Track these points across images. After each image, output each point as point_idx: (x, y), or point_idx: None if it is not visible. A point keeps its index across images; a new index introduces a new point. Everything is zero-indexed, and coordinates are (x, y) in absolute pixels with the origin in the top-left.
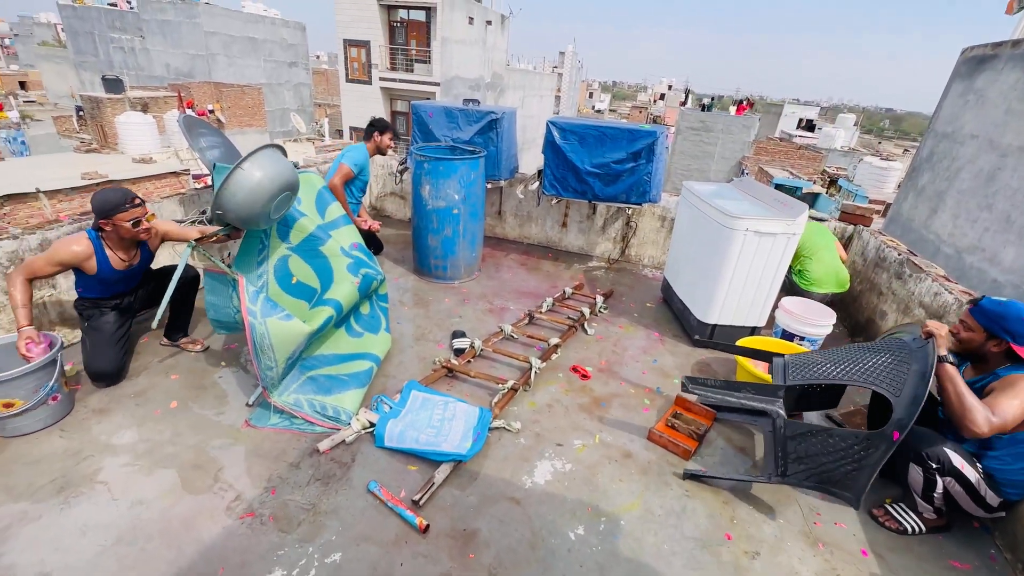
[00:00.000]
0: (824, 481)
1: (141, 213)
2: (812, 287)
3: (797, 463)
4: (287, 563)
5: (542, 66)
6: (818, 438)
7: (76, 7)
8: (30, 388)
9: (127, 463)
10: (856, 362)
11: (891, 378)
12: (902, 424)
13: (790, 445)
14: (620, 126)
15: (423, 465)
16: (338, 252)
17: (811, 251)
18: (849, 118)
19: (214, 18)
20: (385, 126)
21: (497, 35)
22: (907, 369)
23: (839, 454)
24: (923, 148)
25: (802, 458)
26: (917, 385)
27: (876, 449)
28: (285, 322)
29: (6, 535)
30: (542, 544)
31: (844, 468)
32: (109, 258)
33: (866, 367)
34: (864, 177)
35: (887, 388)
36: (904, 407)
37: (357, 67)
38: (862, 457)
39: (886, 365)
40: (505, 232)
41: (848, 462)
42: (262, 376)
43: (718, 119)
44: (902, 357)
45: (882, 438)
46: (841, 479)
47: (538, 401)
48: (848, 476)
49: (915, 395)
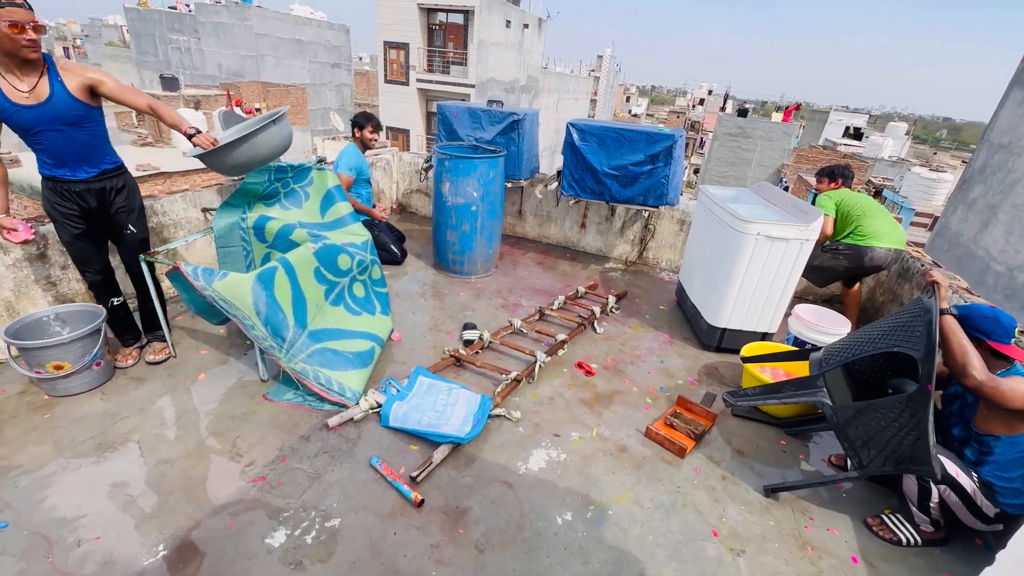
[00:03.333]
0: (900, 461)
1: (24, 17)
2: (873, 241)
3: (867, 449)
4: (291, 524)
5: (579, 69)
6: (868, 415)
7: (140, 10)
8: (77, 353)
9: (157, 426)
10: (879, 329)
11: (908, 335)
12: (928, 375)
13: (850, 432)
14: (639, 128)
15: (424, 445)
16: (307, 237)
17: (862, 209)
18: (900, 127)
19: (265, 20)
20: (365, 121)
21: (534, 38)
22: (920, 324)
23: (895, 425)
24: (976, 159)
25: (868, 442)
26: (928, 335)
27: (921, 408)
28: (225, 279)
29: (50, 481)
30: (529, 526)
31: (908, 439)
32: (3, 82)
33: (885, 330)
34: (911, 188)
35: (909, 346)
36: (923, 360)
37: (396, 68)
38: (914, 423)
39: (902, 324)
40: (525, 231)
41: (906, 431)
42: (254, 338)
43: (757, 125)
44: (915, 313)
45: (920, 395)
46: (912, 453)
47: (540, 393)
48: (916, 447)
49: (928, 346)
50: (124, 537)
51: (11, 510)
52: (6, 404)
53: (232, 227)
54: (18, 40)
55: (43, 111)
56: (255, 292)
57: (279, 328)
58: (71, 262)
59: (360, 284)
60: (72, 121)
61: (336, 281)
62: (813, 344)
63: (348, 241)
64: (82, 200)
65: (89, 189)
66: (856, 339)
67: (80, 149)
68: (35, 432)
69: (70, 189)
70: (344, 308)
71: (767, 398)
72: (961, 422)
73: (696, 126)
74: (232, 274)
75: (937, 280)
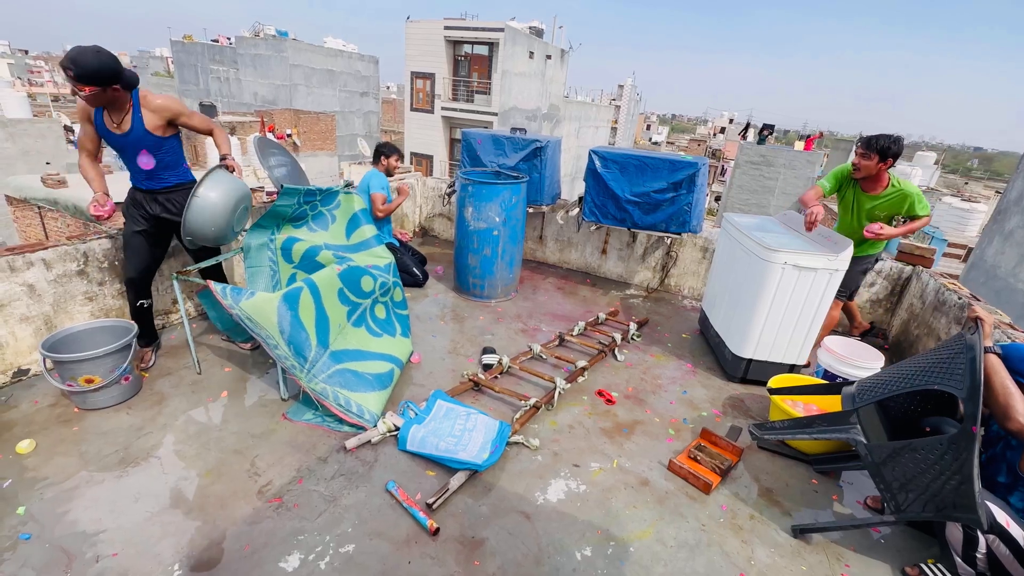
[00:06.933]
0: (941, 507)
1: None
2: None
3: (904, 492)
4: (305, 548)
5: (600, 98)
6: (906, 456)
7: (185, 43)
8: (108, 367)
9: (179, 442)
10: (918, 365)
11: (950, 373)
12: (973, 416)
13: (886, 473)
14: (661, 156)
15: (441, 471)
16: (332, 258)
17: None
18: (929, 156)
19: (299, 52)
20: (391, 151)
21: (556, 68)
22: (962, 360)
23: (935, 468)
24: (1011, 189)
25: (905, 484)
26: (972, 373)
27: (965, 451)
28: (252, 298)
29: (74, 494)
30: (547, 560)
31: (951, 483)
32: (102, 116)
33: (925, 367)
34: (942, 219)
35: (951, 385)
36: (967, 400)
37: (422, 97)
38: (957, 466)
39: (943, 360)
40: (545, 256)
41: (948, 475)
42: (276, 357)
43: (780, 153)
44: (957, 349)
45: (963, 437)
46: (956, 499)
47: (560, 421)
48: (959, 492)
49: (973, 384)
50: (141, 555)
51: (35, 522)
52: (38, 415)
53: (261, 247)
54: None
55: (125, 140)
56: (280, 312)
57: (301, 348)
58: (107, 279)
59: (382, 306)
60: (146, 149)
61: (359, 302)
62: (844, 378)
63: (372, 263)
64: (147, 205)
65: (154, 198)
66: (893, 374)
67: (150, 169)
68: (63, 444)
69: (138, 196)
70: (366, 329)
71: (796, 432)
72: (1005, 466)
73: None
74: (259, 293)
75: (981, 316)
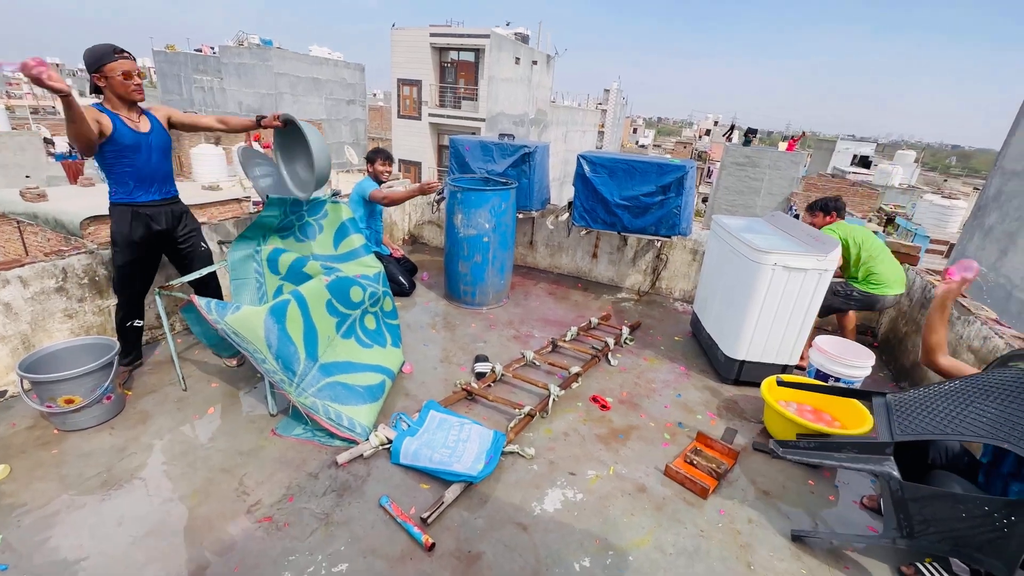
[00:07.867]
0: (962, 546)
1: (131, 66)
2: (887, 290)
3: (924, 525)
4: (297, 569)
5: (586, 102)
6: (944, 502)
7: (168, 53)
8: (89, 387)
9: (164, 462)
10: (974, 404)
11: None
12: None
13: (912, 508)
14: (649, 160)
15: (435, 484)
16: (320, 269)
17: (877, 251)
18: (909, 155)
19: (284, 61)
20: (375, 155)
21: (542, 74)
22: None
23: (974, 521)
24: (990, 186)
25: (929, 521)
26: None
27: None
28: (238, 312)
29: (54, 520)
30: (545, 573)
31: (985, 536)
32: (120, 116)
33: (995, 418)
34: (924, 215)
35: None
36: None
37: (409, 104)
38: (1007, 525)
39: (1012, 411)
40: (536, 261)
41: (988, 530)
42: (264, 372)
43: (765, 155)
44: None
45: None
46: (984, 545)
47: (554, 429)
48: (993, 544)
49: None
50: None
51: (12, 551)
52: (15, 439)
53: (246, 259)
54: (129, 85)
55: (147, 139)
56: (267, 326)
57: (290, 362)
58: (87, 295)
59: (372, 316)
60: (163, 148)
61: (348, 313)
62: (837, 377)
63: (360, 273)
64: (154, 222)
65: (161, 211)
66: (942, 403)
67: (162, 173)
68: (42, 468)
69: (143, 211)
70: (355, 340)
71: (823, 456)
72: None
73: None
74: (245, 307)
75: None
